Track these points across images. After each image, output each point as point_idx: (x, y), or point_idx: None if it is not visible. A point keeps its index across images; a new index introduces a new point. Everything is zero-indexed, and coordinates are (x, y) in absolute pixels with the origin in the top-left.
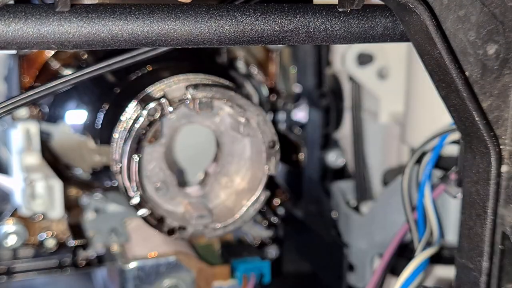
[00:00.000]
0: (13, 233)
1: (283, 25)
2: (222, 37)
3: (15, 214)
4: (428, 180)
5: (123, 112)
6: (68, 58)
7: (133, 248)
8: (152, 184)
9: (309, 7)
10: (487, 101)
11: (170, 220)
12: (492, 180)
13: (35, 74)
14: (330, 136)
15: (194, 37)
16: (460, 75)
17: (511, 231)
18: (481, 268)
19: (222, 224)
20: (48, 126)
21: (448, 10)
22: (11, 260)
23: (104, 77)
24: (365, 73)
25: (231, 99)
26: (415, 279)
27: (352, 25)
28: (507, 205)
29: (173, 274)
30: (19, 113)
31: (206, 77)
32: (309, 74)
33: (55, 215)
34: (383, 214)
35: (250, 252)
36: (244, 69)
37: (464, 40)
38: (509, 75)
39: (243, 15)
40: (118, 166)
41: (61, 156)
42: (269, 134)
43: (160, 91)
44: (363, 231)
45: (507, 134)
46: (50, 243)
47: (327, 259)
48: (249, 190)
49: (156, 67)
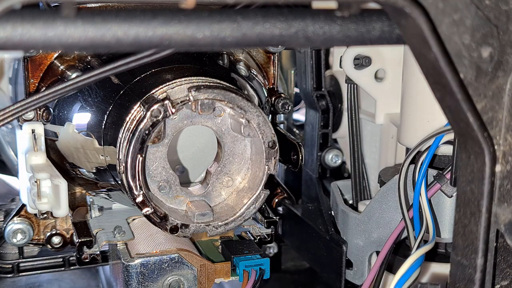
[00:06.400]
0: (20, 231)
1: (282, 29)
2: (223, 41)
3: (22, 212)
4: (423, 179)
5: (127, 113)
6: (72, 60)
7: (136, 245)
8: (155, 183)
9: (308, 12)
10: (482, 103)
11: (172, 218)
12: (487, 180)
13: (40, 76)
14: (329, 136)
15: (197, 40)
16: (455, 77)
17: (505, 229)
18: (476, 265)
19: (223, 222)
20: (54, 127)
21: (443, 14)
22: (17, 257)
23: (109, 79)
24: (362, 75)
25: (232, 100)
26: (411, 275)
27: (350, 28)
28: (501, 203)
29: (176, 271)
30: (25, 115)
31: (208, 79)
32: (308, 76)
33: (60, 213)
34: (379, 212)
35: (250, 249)
36: (244, 72)
37: (459, 43)
38: (503, 77)
39: (244, 19)
40: (122, 166)
41: (66, 156)
42: (269, 135)
43: (163, 93)
44: (361, 229)
45: (501, 135)
46: (56, 240)
47: (325, 256)
48: (249, 189)
49: (160, 69)
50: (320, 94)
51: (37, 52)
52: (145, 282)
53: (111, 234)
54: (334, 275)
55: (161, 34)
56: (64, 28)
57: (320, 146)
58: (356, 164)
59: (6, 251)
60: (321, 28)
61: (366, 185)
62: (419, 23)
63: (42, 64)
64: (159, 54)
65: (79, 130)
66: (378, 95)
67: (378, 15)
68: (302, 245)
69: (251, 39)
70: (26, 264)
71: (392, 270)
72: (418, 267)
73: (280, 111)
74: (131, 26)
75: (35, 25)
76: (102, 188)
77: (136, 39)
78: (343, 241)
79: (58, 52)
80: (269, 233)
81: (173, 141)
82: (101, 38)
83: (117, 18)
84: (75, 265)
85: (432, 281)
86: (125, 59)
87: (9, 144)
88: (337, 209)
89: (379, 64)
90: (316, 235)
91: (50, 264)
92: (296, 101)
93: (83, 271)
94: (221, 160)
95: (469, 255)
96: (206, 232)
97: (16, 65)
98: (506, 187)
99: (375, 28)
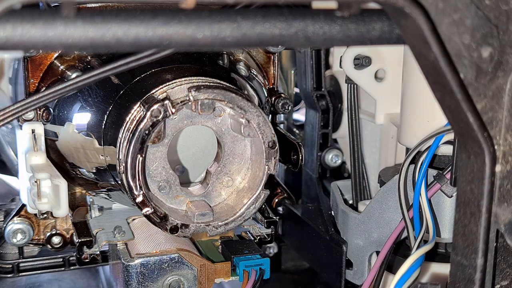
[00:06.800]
0: (20, 231)
1: (282, 29)
2: (223, 41)
3: (22, 212)
4: (423, 179)
5: (127, 113)
6: (72, 60)
7: (136, 245)
8: (155, 183)
9: (308, 12)
10: (482, 103)
11: (172, 218)
12: (487, 180)
13: (40, 76)
14: (329, 136)
15: (197, 40)
16: (455, 77)
17: (505, 229)
18: (476, 265)
19: (223, 222)
20: (54, 127)
21: (443, 14)
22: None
23: (109, 79)
24: (362, 75)
25: (232, 100)
26: (411, 275)
27: (350, 28)
28: (501, 203)
29: (176, 271)
30: (25, 115)
31: (208, 79)
32: (308, 76)
33: (60, 213)
34: (379, 212)
35: (250, 249)
36: (244, 72)
37: (459, 43)
38: (503, 77)
39: (244, 19)
40: (122, 166)
41: (66, 156)
42: (269, 135)
43: (163, 93)
44: (361, 229)
45: (501, 135)
46: (56, 240)
47: (325, 256)
48: (249, 189)
49: (160, 69)
50: (320, 94)
51: (37, 52)
52: (145, 282)
53: (111, 234)
54: (334, 275)
55: (161, 34)
56: (64, 28)
57: (320, 146)
58: (356, 164)
59: (6, 251)
60: (321, 28)
61: (366, 185)
62: (419, 23)
63: (42, 64)
64: (159, 54)
65: (79, 130)
66: (378, 95)
67: (378, 15)
68: (302, 245)
69: (251, 39)
70: (26, 264)
71: (392, 270)
72: (418, 267)
73: (280, 111)
74: (131, 26)
75: (35, 25)
76: (102, 188)
77: (136, 39)
78: (343, 241)
79: (58, 52)
80: (269, 233)
81: (173, 141)
82: (101, 38)
83: (117, 18)
84: (75, 265)
85: (432, 281)
86: (125, 59)
87: (9, 144)
88: (337, 209)
89: (379, 64)
90: (316, 235)
91: (50, 264)
92: (296, 101)
93: (83, 271)
94: (221, 160)
95: (469, 255)
96: (206, 232)
97: (16, 65)
98: (506, 187)
99: (375, 28)
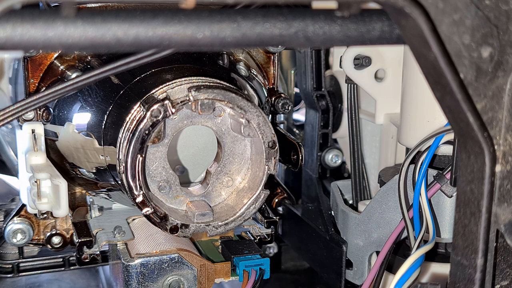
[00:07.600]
0: (20, 231)
1: (282, 29)
2: (223, 41)
3: (22, 212)
4: (423, 179)
5: (127, 113)
6: (72, 60)
7: (136, 245)
8: (155, 183)
9: (308, 12)
10: (481, 103)
11: (172, 218)
12: (487, 180)
13: (40, 76)
14: (329, 136)
15: (197, 40)
16: (455, 77)
17: (505, 229)
18: (476, 265)
19: (223, 222)
20: (54, 127)
21: (443, 14)
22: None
23: (109, 79)
24: (362, 75)
25: (232, 100)
26: (411, 275)
27: (350, 28)
28: (501, 203)
29: (176, 271)
30: (25, 115)
31: (208, 79)
32: (308, 76)
33: (60, 213)
34: (379, 212)
35: (250, 249)
36: (244, 72)
37: (459, 43)
38: (503, 77)
39: (244, 19)
40: (122, 166)
41: (66, 156)
42: (269, 135)
43: (163, 93)
44: (361, 229)
45: (501, 135)
46: (56, 240)
47: (325, 256)
48: (249, 189)
49: (160, 69)
50: (320, 94)
51: (37, 52)
52: (145, 282)
53: (111, 234)
54: (334, 275)
55: (161, 34)
56: (64, 28)
57: (320, 146)
58: (356, 164)
59: (6, 251)
60: (321, 28)
61: (366, 185)
62: (419, 23)
63: (42, 64)
64: (159, 54)
65: (79, 130)
66: (378, 95)
67: (378, 15)
68: (302, 245)
69: (251, 39)
70: (26, 264)
71: (392, 270)
72: (418, 267)
73: (280, 111)
74: (131, 26)
75: (35, 25)
76: (102, 188)
77: (136, 39)
78: (343, 241)
79: (58, 52)
80: (269, 233)
81: (173, 141)
82: (101, 38)
83: (117, 18)
84: (75, 265)
85: (432, 281)
86: (125, 59)
87: (9, 144)
88: (337, 209)
89: (379, 64)
90: (316, 235)
91: (50, 264)
92: (296, 101)
93: (83, 271)
94: (221, 160)
95: (469, 255)
96: (206, 232)
97: (16, 65)
98: (506, 187)
99: (375, 28)
